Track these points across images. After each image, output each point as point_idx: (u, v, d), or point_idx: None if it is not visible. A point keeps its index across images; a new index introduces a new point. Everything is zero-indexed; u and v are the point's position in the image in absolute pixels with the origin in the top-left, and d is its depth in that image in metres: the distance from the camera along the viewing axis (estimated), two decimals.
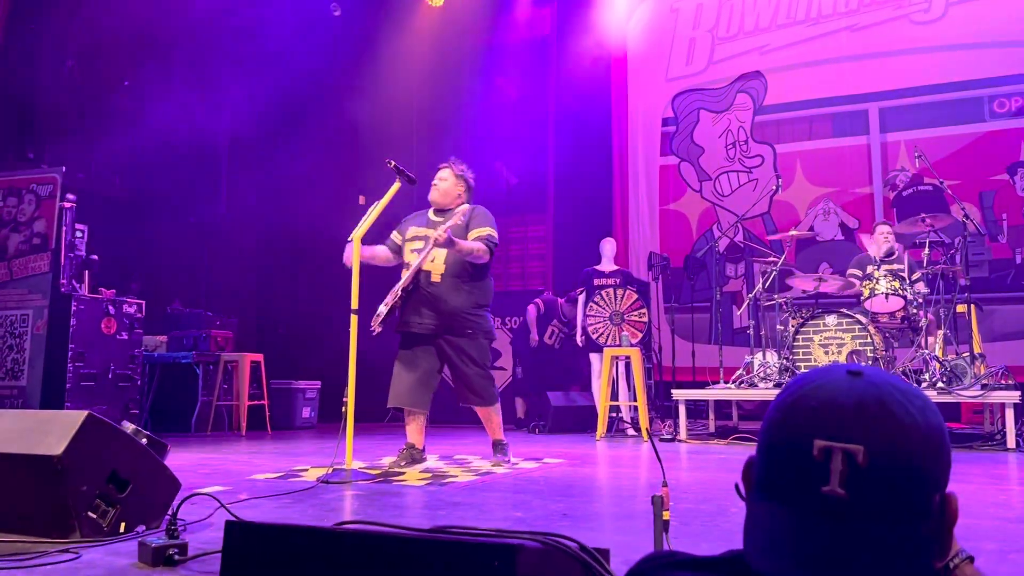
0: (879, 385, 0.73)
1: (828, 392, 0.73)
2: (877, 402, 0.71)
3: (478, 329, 4.32)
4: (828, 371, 0.76)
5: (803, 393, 0.75)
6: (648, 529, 1.85)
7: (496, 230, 4.43)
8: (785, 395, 0.77)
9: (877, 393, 0.72)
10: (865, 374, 0.74)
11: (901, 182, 8.36)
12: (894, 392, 0.73)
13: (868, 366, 0.77)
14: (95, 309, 5.76)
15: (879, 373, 0.75)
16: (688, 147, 9.41)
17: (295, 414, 7.94)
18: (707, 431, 6.70)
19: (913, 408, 0.72)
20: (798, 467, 0.71)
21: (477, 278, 4.35)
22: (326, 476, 3.71)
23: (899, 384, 0.74)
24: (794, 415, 0.74)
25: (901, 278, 5.87)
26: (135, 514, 2.43)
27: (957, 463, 3.65)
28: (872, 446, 0.69)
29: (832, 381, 0.74)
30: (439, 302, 4.24)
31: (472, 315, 4.30)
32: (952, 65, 8.23)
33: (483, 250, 4.26)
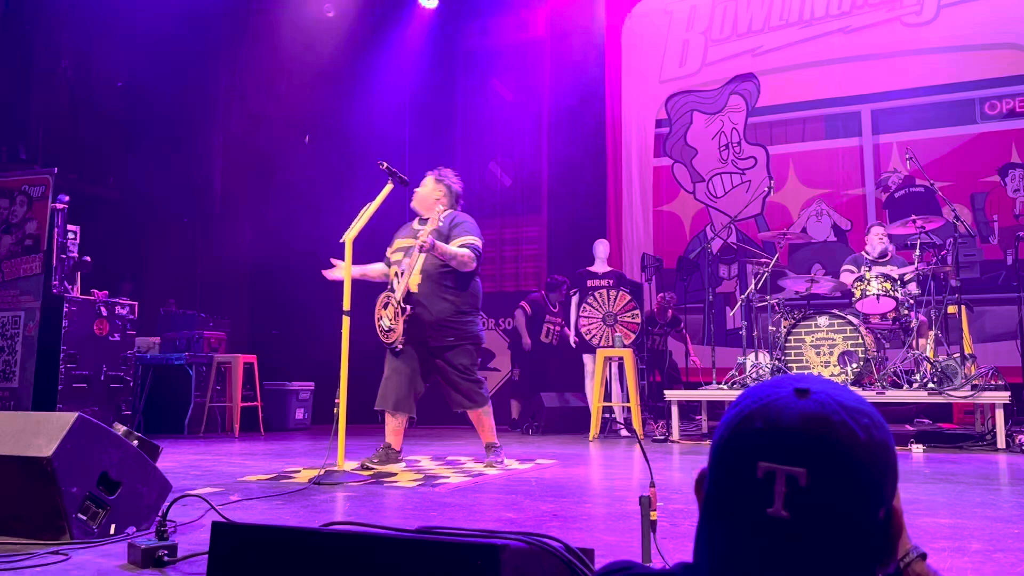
0: (825, 404, 0.73)
1: (773, 412, 0.73)
2: (822, 423, 0.72)
3: (461, 336, 4.33)
4: (776, 387, 0.76)
5: (750, 413, 0.75)
6: (638, 529, 1.86)
7: (481, 239, 4.44)
8: (733, 413, 0.77)
9: (822, 413, 0.72)
10: (812, 392, 0.74)
11: (893, 184, 8.39)
12: (840, 411, 0.72)
13: (817, 380, 0.77)
14: (87, 311, 5.75)
15: (826, 390, 0.75)
16: (681, 148, 9.44)
17: (288, 415, 7.93)
18: (700, 431, 6.72)
19: (859, 427, 0.72)
20: (743, 489, 0.72)
21: (460, 285, 4.36)
22: (318, 478, 3.71)
23: (847, 401, 0.74)
24: (740, 436, 0.74)
25: (892, 279, 5.90)
26: (125, 516, 2.43)
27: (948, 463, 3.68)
28: (814, 469, 0.70)
29: (778, 400, 0.74)
30: (419, 314, 4.25)
31: (454, 322, 4.31)
32: (944, 67, 8.27)
33: (468, 256, 4.28)
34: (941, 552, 2.16)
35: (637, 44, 9.79)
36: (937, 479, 3.80)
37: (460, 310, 4.35)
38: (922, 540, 2.33)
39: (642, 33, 9.77)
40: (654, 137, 9.58)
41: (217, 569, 1.26)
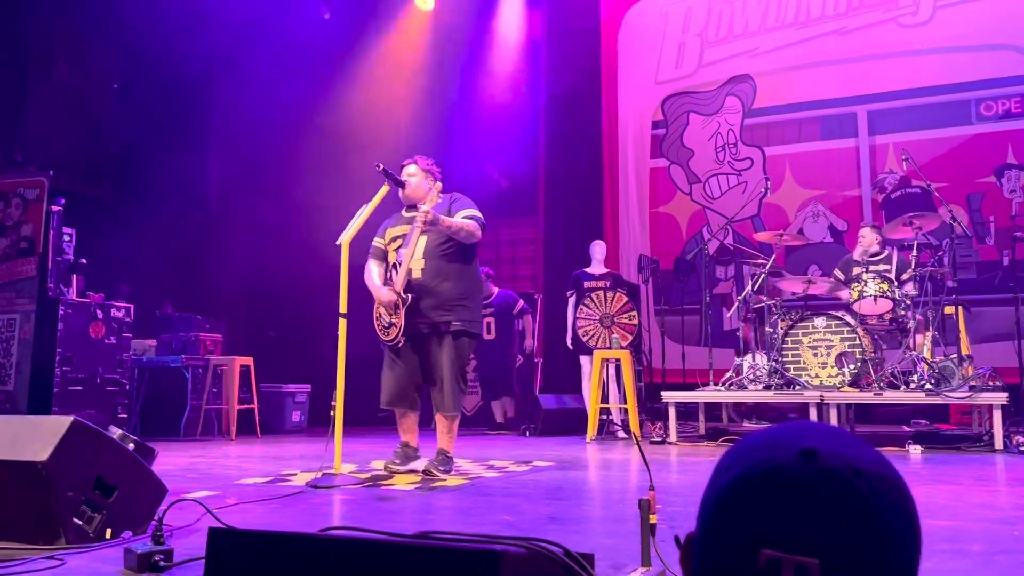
0: (838, 472, 0.62)
1: (777, 486, 0.62)
2: (835, 499, 0.61)
3: (464, 323, 4.13)
4: (777, 446, 0.65)
5: (747, 482, 0.64)
6: (636, 533, 1.86)
7: (479, 212, 4.26)
8: (726, 479, 0.66)
9: (836, 485, 0.62)
10: (821, 455, 0.63)
11: (889, 184, 8.40)
12: (856, 480, 0.62)
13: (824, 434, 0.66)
14: (83, 313, 5.73)
15: (837, 449, 0.64)
16: (678, 150, 9.44)
17: (285, 418, 7.92)
18: (697, 433, 6.72)
19: (878, 497, 0.62)
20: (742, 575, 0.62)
21: (465, 263, 4.18)
22: (315, 481, 3.70)
23: (862, 463, 0.64)
24: (737, 512, 0.64)
25: (889, 280, 5.90)
26: (121, 520, 2.42)
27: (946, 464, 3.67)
28: (828, 557, 0.60)
29: (781, 468, 0.63)
30: (426, 297, 4.11)
31: (459, 306, 4.12)
32: (940, 68, 8.28)
33: (473, 227, 4.12)
34: (941, 555, 2.15)
35: (633, 45, 9.80)
36: (935, 481, 3.80)
37: (464, 293, 4.17)
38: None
39: (638, 34, 9.78)
40: (650, 138, 9.58)
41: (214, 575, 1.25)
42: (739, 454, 0.68)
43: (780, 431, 0.67)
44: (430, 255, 4.12)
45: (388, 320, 4.11)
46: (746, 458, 0.66)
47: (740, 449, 0.68)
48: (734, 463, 0.67)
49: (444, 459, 4.14)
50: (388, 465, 4.25)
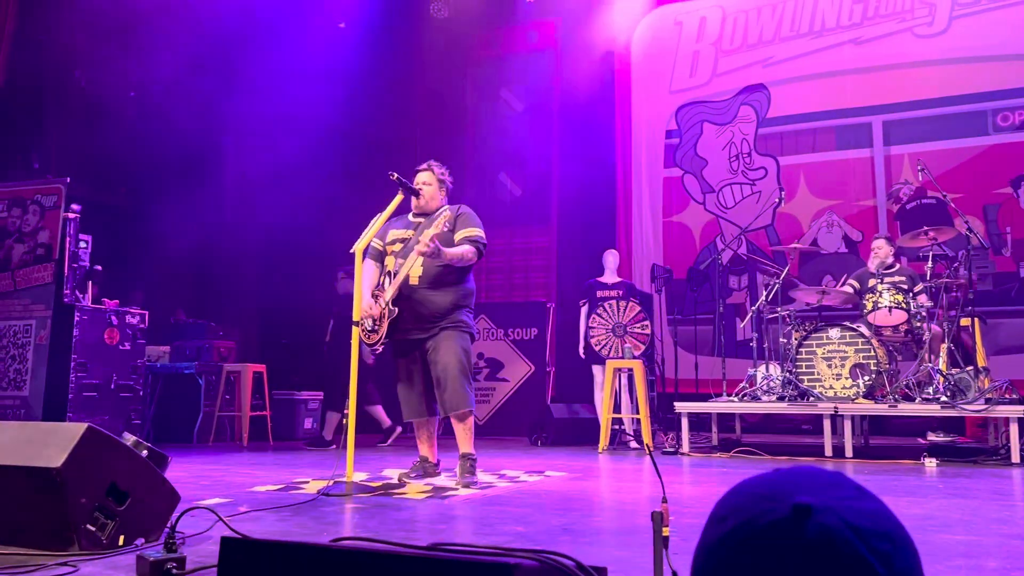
0: (833, 532, 0.58)
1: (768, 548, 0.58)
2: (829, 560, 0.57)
3: (456, 324, 4.16)
4: (768, 499, 0.61)
5: (741, 540, 0.60)
6: (649, 545, 1.84)
7: (483, 230, 4.28)
8: (717, 535, 0.63)
9: (831, 548, 0.58)
10: (815, 511, 0.59)
11: (905, 195, 8.36)
12: (853, 540, 0.58)
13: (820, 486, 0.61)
14: (98, 319, 5.77)
15: (832, 505, 0.59)
16: (691, 159, 9.43)
17: (297, 425, 7.93)
18: (710, 444, 6.68)
19: (878, 560, 0.58)
20: None
21: (458, 280, 4.22)
22: (326, 488, 3.70)
23: (860, 521, 0.59)
24: (731, 569, 0.60)
25: (904, 291, 5.86)
26: (134, 527, 2.42)
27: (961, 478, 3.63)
28: None
29: (772, 527, 0.59)
30: (419, 306, 4.12)
31: (447, 315, 4.15)
32: (956, 78, 8.24)
33: (472, 252, 4.15)
34: (957, 571, 2.13)
35: (647, 55, 9.80)
36: (951, 494, 3.76)
37: (458, 304, 4.20)
38: (937, 558, 2.30)
39: (652, 44, 9.78)
40: (664, 148, 9.57)
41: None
42: (733, 504, 0.64)
43: (776, 481, 0.64)
44: (427, 269, 4.13)
45: (371, 325, 4.14)
46: (740, 511, 0.62)
47: (734, 498, 0.65)
48: (729, 514, 0.64)
49: (470, 465, 4.14)
50: (402, 477, 4.25)
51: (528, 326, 8.66)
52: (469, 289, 4.30)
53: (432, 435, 4.37)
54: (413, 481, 4.18)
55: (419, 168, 4.43)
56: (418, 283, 4.13)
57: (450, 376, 4.07)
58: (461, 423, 4.16)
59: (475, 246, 4.17)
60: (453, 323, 4.15)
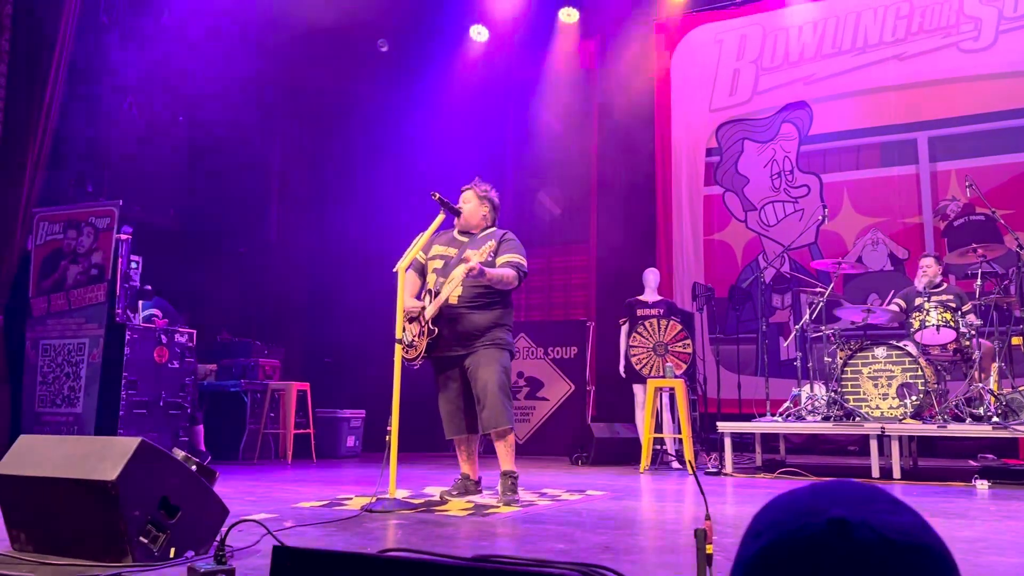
0: (870, 548, 0.58)
1: (806, 561, 0.58)
2: None
3: (495, 342, 4.18)
4: (806, 516, 0.61)
5: (777, 555, 0.60)
6: (691, 563, 1.84)
7: (526, 259, 4.32)
8: (753, 549, 0.63)
9: (866, 562, 0.57)
10: (851, 526, 0.59)
11: (952, 212, 8.21)
12: (890, 556, 0.58)
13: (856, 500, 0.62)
14: (148, 338, 5.91)
15: (869, 519, 0.60)
16: (732, 177, 9.38)
17: (340, 443, 8.01)
18: (753, 464, 6.60)
19: (913, 573, 0.58)
20: None
21: (499, 301, 4.25)
22: (370, 505, 3.73)
23: (898, 536, 0.59)
24: None
25: (952, 309, 5.76)
26: (184, 540, 2.48)
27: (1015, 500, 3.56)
28: None
29: (810, 541, 0.59)
30: (457, 324, 4.16)
31: (485, 334, 4.17)
32: (1003, 93, 8.10)
33: (512, 276, 4.18)
34: None
35: (687, 73, 9.80)
36: (1004, 517, 3.67)
37: (496, 323, 4.23)
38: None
39: (692, 62, 9.78)
40: (704, 166, 9.54)
41: None
42: (769, 520, 0.64)
43: (811, 495, 0.64)
44: (467, 283, 4.17)
45: (411, 339, 4.17)
46: (776, 526, 0.63)
47: (770, 513, 0.65)
48: (765, 529, 0.64)
49: (511, 483, 4.14)
50: (443, 495, 4.28)
51: (568, 345, 8.66)
52: (509, 309, 4.34)
53: (473, 453, 4.40)
54: (455, 498, 4.20)
55: (463, 187, 4.49)
56: (457, 303, 4.17)
57: (489, 393, 4.09)
58: (501, 440, 4.17)
59: (516, 271, 4.21)
60: (492, 340, 4.18)
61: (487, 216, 4.45)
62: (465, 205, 4.39)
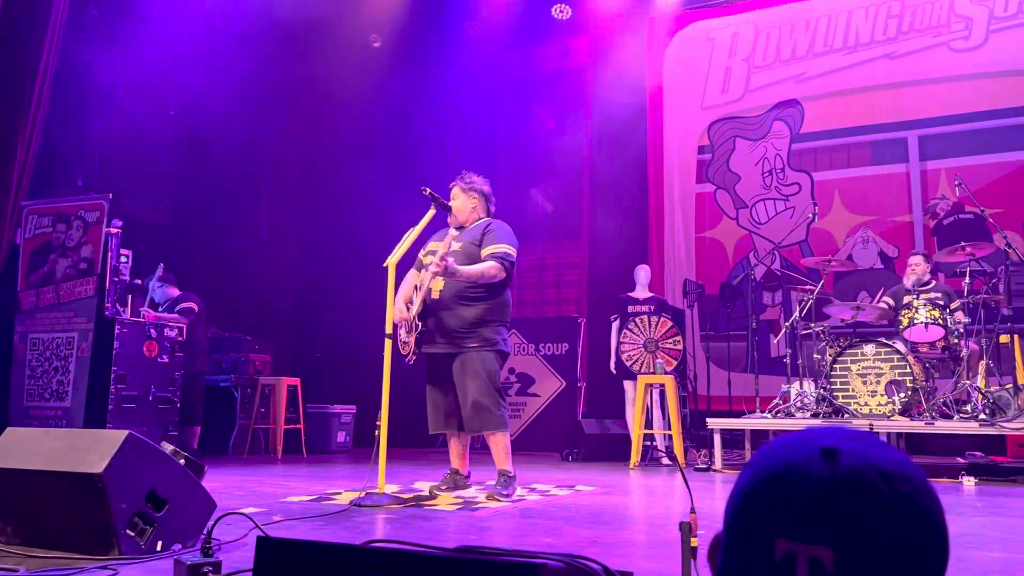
0: (856, 469, 0.63)
1: (795, 480, 0.64)
2: (852, 493, 0.62)
3: (484, 342, 4.10)
4: (799, 446, 0.66)
5: (768, 478, 0.65)
6: (678, 556, 1.85)
7: (515, 246, 4.21)
8: (749, 476, 0.68)
9: (854, 481, 0.62)
10: (842, 453, 0.64)
11: (942, 210, 8.25)
12: (875, 477, 0.63)
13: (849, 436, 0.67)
14: (137, 333, 5.89)
15: (860, 450, 0.64)
16: (724, 175, 9.40)
17: (330, 438, 8.00)
18: (743, 461, 6.62)
19: (897, 496, 0.62)
20: (759, 570, 0.63)
21: (486, 295, 4.14)
22: (359, 500, 3.74)
23: (884, 463, 0.64)
24: (755, 506, 0.65)
25: (941, 307, 5.79)
26: (171, 533, 2.48)
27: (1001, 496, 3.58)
28: (842, 549, 0.60)
29: (801, 464, 0.64)
30: (444, 320, 4.11)
31: (472, 331, 4.10)
32: (993, 92, 8.14)
33: (494, 270, 4.08)
34: None
35: (680, 71, 9.81)
36: (990, 512, 3.70)
37: (485, 318, 4.14)
38: (973, 575, 2.27)
39: (685, 60, 9.79)
40: (696, 163, 9.56)
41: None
42: (763, 452, 0.70)
43: (805, 433, 0.69)
44: (449, 282, 4.12)
45: (404, 337, 4.16)
46: (768, 455, 0.68)
47: (765, 449, 0.70)
48: (757, 459, 0.69)
49: (504, 481, 4.11)
50: (433, 489, 4.28)
51: (559, 341, 8.67)
52: (500, 302, 4.22)
53: (465, 448, 4.39)
54: (443, 493, 4.21)
55: (450, 185, 4.49)
56: (440, 297, 4.14)
57: (469, 402, 4.07)
58: (491, 441, 4.17)
59: (500, 262, 4.11)
60: (480, 341, 4.11)
61: (478, 208, 4.40)
62: (454, 202, 4.38)
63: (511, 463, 4.18)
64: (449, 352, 4.17)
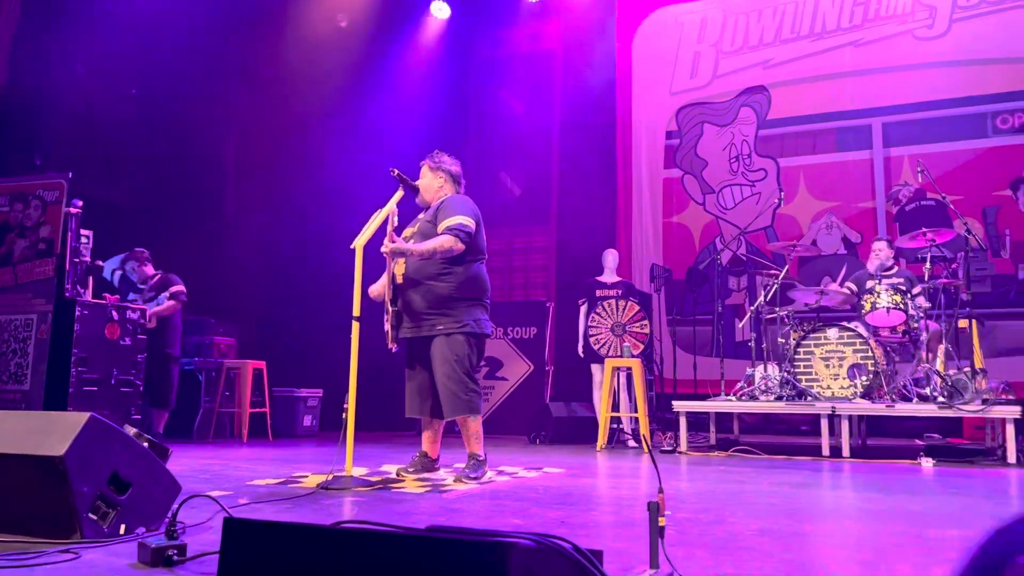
0: None
1: None
2: None
3: (454, 323, 4.05)
4: None
5: None
6: (646, 536, 1.87)
7: (470, 216, 4.11)
8: None
9: None
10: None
11: (904, 197, 8.38)
12: None
13: None
14: (98, 315, 5.79)
15: None
16: (691, 160, 9.45)
17: (297, 422, 7.95)
18: (708, 443, 6.70)
19: None
20: None
21: (448, 271, 4.08)
22: (326, 483, 3.72)
23: None
24: None
25: (903, 292, 5.89)
26: (135, 516, 2.44)
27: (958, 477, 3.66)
28: None
29: None
30: (412, 303, 4.09)
31: (443, 312, 4.06)
32: (956, 81, 8.27)
33: (448, 242, 4.01)
34: (951, 563, 2.15)
35: (648, 56, 9.83)
36: (947, 492, 3.79)
37: (453, 296, 4.07)
38: (931, 551, 2.32)
39: (653, 45, 9.81)
40: (664, 148, 9.60)
41: (228, 564, 1.27)
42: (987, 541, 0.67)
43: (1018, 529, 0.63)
44: (411, 265, 4.11)
45: (386, 325, 4.16)
46: None
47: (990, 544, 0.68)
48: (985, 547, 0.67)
49: (473, 464, 4.12)
50: (400, 472, 4.28)
51: (527, 325, 8.68)
52: (468, 277, 4.13)
53: (437, 434, 4.38)
54: (411, 476, 4.20)
55: (420, 163, 4.46)
56: (403, 281, 4.13)
57: (441, 387, 4.07)
58: (463, 426, 4.17)
59: (454, 234, 4.04)
60: (450, 323, 4.07)
61: (445, 187, 4.36)
62: (421, 180, 4.36)
63: (482, 447, 4.18)
64: (423, 336, 4.15)
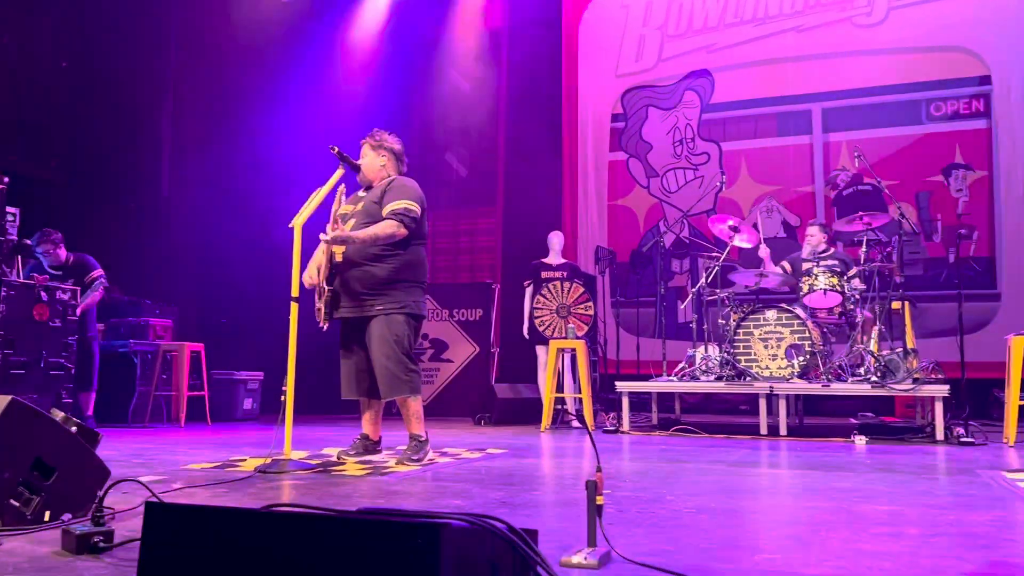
0: None
1: None
2: None
3: (392, 303, 4.01)
4: None
5: None
6: (585, 515, 1.86)
7: (416, 201, 4.07)
8: None
9: None
10: None
11: (842, 181, 8.56)
12: None
13: None
14: (27, 295, 5.58)
15: None
16: (636, 143, 9.50)
17: (236, 405, 7.81)
18: (650, 423, 6.78)
19: None
20: None
21: (390, 253, 4.02)
22: (264, 466, 3.65)
23: None
24: None
25: (839, 274, 6.02)
26: (60, 503, 2.36)
27: (889, 454, 3.76)
28: None
29: None
30: (349, 284, 4.02)
31: (381, 292, 4.01)
32: (892, 68, 8.45)
33: (391, 228, 3.96)
34: (880, 537, 2.20)
35: (594, 37, 9.83)
36: (878, 469, 3.89)
37: (392, 278, 4.02)
38: (861, 526, 2.38)
39: (600, 27, 9.81)
40: (610, 131, 9.63)
41: (151, 551, 1.22)
42: None
43: None
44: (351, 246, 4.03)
45: (318, 303, 4.07)
46: None
47: None
48: None
49: (415, 446, 4.07)
50: (341, 454, 4.22)
51: (473, 307, 8.67)
52: (408, 260, 4.09)
53: (377, 415, 4.33)
54: (352, 459, 4.15)
55: (360, 140, 4.36)
56: (342, 260, 4.04)
57: (379, 367, 4.00)
58: (402, 407, 4.11)
59: (398, 219, 3.98)
60: (388, 303, 4.02)
61: (388, 166, 4.27)
62: (362, 160, 4.26)
63: (423, 428, 4.14)
64: (359, 316, 4.08)
